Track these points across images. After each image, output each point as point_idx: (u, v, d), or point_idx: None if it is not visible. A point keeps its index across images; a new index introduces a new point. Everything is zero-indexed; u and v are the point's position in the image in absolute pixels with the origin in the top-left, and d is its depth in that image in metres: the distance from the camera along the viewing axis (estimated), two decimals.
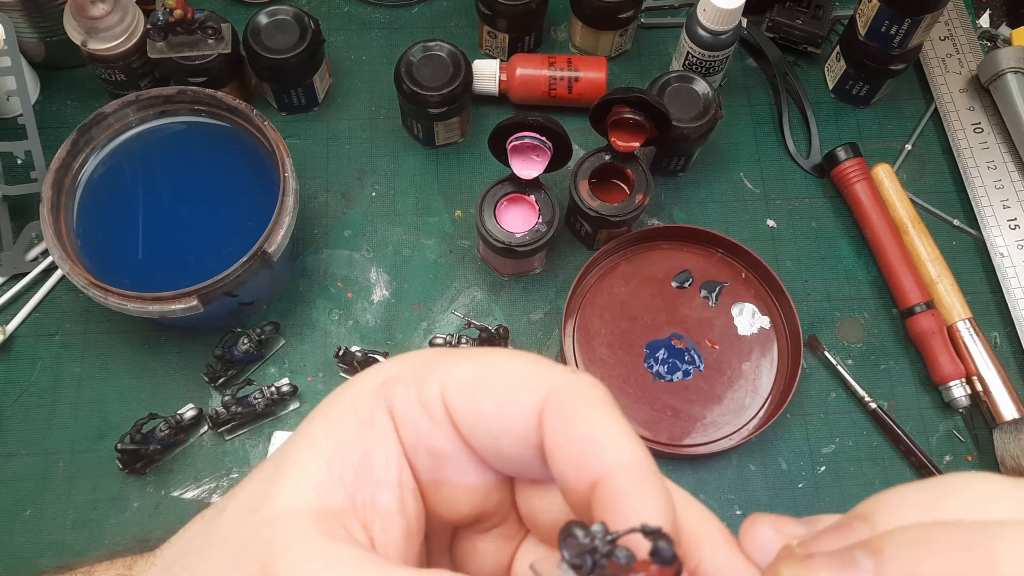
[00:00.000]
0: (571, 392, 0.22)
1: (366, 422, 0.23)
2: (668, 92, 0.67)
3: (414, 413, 0.23)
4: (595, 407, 0.22)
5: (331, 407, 0.24)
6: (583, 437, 0.21)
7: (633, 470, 0.21)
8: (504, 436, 0.22)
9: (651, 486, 0.21)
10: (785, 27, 0.76)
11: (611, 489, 0.21)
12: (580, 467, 0.21)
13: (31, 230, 0.69)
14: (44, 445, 0.64)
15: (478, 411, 0.22)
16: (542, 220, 0.64)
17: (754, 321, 0.69)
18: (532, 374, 0.22)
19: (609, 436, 0.21)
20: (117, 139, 0.65)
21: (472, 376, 0.23)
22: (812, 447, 0.66)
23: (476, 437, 0.23)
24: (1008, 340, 0.69)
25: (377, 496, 0.22)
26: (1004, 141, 0.74)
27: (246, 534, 0.22)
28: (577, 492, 0.21)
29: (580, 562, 0.19)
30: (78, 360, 0.66)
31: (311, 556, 0.21)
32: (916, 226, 0.70)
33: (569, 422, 0.21)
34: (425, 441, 0.23)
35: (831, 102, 0.77)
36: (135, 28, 0.67)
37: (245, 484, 0.24)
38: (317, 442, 0.23)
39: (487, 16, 0.72)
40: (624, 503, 0.20)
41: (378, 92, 0.76)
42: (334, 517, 0.22)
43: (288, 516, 0.21)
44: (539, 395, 0.22)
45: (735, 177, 0.74)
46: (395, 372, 0.24)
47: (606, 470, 0.21)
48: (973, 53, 0.78)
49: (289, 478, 0.22)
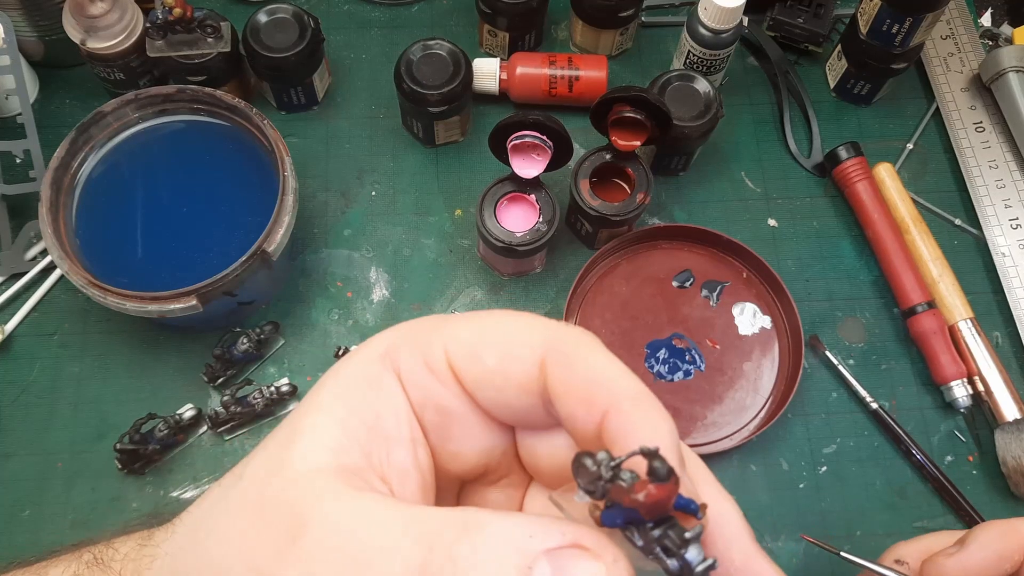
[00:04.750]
0: (570, 340, 0.24)
1: (374, 385, 0.24)
2: (669, 91, 0.67)
3: (420, 374, 0.24)
4: (595, 351, 0.24)
5: (339, 374, 0.25)
6: (588, 376, 0.23)
7: (637, 399, 0.23)
8: (508, 388, 0.24)
9: (654, 412, 0.23)
10: (786, 26, 0.76)
11: (619, 419, 0.23)
12: (588, 403, 0.23)
13: (30, 229, 0.68)
14: (43, 445, 0.64)
15: (482, 367, 0.24)
16: (542, 219, 0.64)
17: (755, 321, 0.69)
18: (530, 328, 0.24)
19: (611, 373, 0.23)
20: (116, 138, 0.65)
21: (474, 336, 0.24)
22: (813, 447, 0.66)
23: (482, 391, 0.24)
24: (1009, 340, 0.69)
25: (392, 453, 0.24)
26: (1006, 140, 0.74)
27: (270, 495, 0.23)
28: (586, 428, 0.23)
29: (593, 488, 0.21)
30: (77, 360, 0.66)
31: (341, 507, 0.22)
32: (917, 225, 0.70)
33: (572, 365, 0.23)
34: (432, 400, 0.25)
35: (832, 101, 0.77)
36: (134, 27, 0.67)
37: (260, 451, 0.25)
38: (328, 407, 0.24)
39: (487, 15, 0.72)
40: (631, 429, 0.22)
41: (378, 91, 0.76)
42: (353, 473, 0.23)
43: (310, 475, 0.22)
44: (539, 347, 0.24)
45: (736, 176, 0.74)
46: (398, 338, 0.25)
47: (613, 402, 0.23)
48: (975, 52, 0.77)
49: (305, 441, 0.23)
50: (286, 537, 0.22)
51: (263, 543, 0.22)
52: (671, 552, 0.20)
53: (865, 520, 0.64)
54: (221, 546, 0.23)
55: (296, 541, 0.21)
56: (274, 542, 0.22)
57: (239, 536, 0.23)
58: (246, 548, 0.22)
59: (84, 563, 0.28)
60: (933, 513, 0.64)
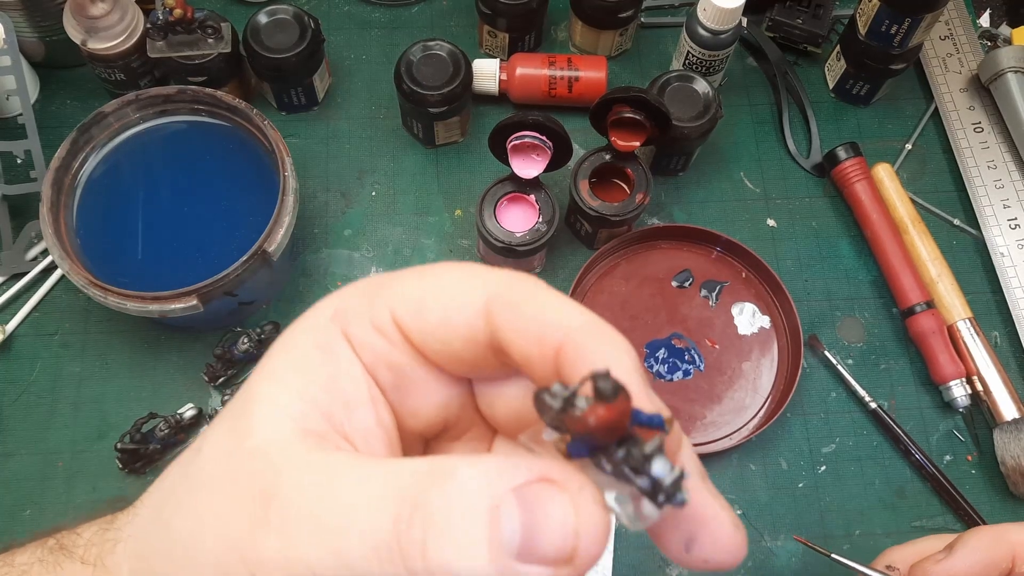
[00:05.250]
0: (513, 285, 0.24)
1: (326, 351, 0.24)
2: (668, 91, 0.67)
3: (369, 335, 0.24)
4: (539, 291, 0.24)
5: (287, 344, 0.25)
6: (535, 317, 0.23)
7: (587, 328, 0.23)
8: (455, 340, 0.24)
9: (606, 337, 0.23)
10: (785, 26, 0.76)
11: (571, 350, 0.22)
12: (540, 342, 0.23)
13: (31, 229, 0.68)
14: (43, 445, 0.64)
15: (427, 322, 0.24)
16: (542, 219, 0.64)
17: (754, 321, 0.69)
18: (472, 278, 0.24)
19: (559, 309, 0.23)
20: (117, 138, 0.65)
21: (417, 292, 0.24)
22: (812, 447, 0.66)
23: (429, 346, 0.24)
24: (1008, 340, 0.69)
25: (352, 414, 0.24)
26: (1004, 140, 0.74)
27: (235, 466, 0.23)
28: (544, 368, 0.23)
29: (558, 423, 0.20)
30: (78, 359, 0.66)
31: (310, 469, 0.22)
32: (916, 225, 0.70)
33: (518, 309, 0.23)
34: (383, 359, 0.24)
35: (831, 101, 0.77)
36: (135, 27, 0.67)
37: (216, 426, 0.24)
38: (282, 376, 0.24)
39: (487, 15, 0.72)
40: (584, 357, 0.22)
41: (378, 92, 0.76)
42: (318, 436, 0.23)
43: (274, 441, 0.22)
44: (481, 296, 0.24)
45: (735, 176, 0.74)
46: (344, 302, 0.25)
47: (564, 335, 0.22)
48: (973, 52, 0.77)
49: (263, 411, 0.23)
50: (258, 506, 0.21)
51: (235, 515, 0.22)
52: (638, 470, 0.20)
53: (864, 519, 0.64)
54: (189, 522, 0.23)
55: (269, 509, 0.21)
56: (247, 513, 0.22)
57: (208, 511, 0.23)
58: (218, 522, 0.22)
59: (48, 549, 0.28)
60: (932, 512, 0.64)
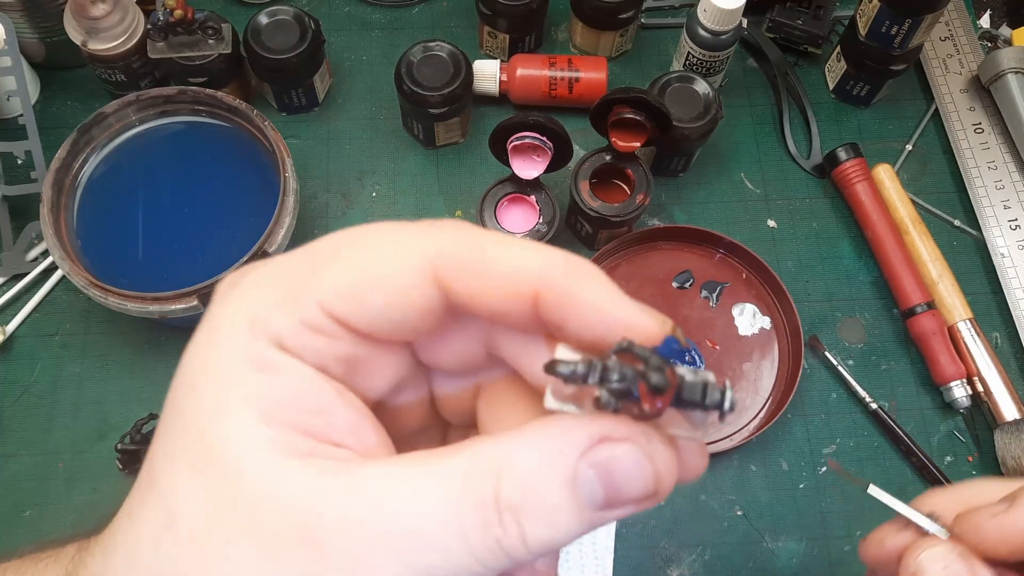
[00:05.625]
0: (461, 243, 0.22)
1: (264, 367, 0.21)
2: (669, 92, 0.67)
3: (304, 337, 0.22)
4: (485, 240, 0.22)
5: (211, 370, 0.22)
6: (500, 270, 0.21)
7: (557, 267, 0.21)
8: (409, 318, 0.22)
9: (580, 271, 0.22)
10: (786, 27, 0.76)
11: (552, 295, 0.21)
12: (513, 295, 0.21)
13: (31, 230, 0.68)
14: (44, 446, 0.64)
15: (370, 310, 0.22)
16: (543, 220, 0.64)
17: (755, 322, 0.69)
18: (412, 245, 0.22)
19: (516, 255, 0.22)
20: (117, 139, 0.65)
21: (349, 279, 0.22)
22: (813, 448, 0.66)
23: (380, 330, 0.22)
24: (1009, 340, 0.69)
25: (331, 419, 0.22)
26: (1005, 141, 0.74)
27: (244, 533, 0.20)
28: (521, 319, 0.22)
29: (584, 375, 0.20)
30: (78, 360, 0.66)
31: (342, 496, 0.20)
32: (917, 226, 0.70)
33: (473, 266, 0.21)
34: (330, 356, 0.22)
35: (832, 102, 0.77)
36: (135, 28, 0.67)
37: (183, 496, 0.21)
38: (231, 411, 0.21)
39: (487, 16, 0.72)
40: (571, 301, 0.21)
41: (378, 92, 0.76)
42: (316, 457, 0.21)
43: (282, 488, 0.20)
44: (425, 265, 0.22)
45: (736, 177, 0.74)
46: (256, 310, 0.22)
47: (539, 282, 0.21)
48: (974, 53, 0.77)
49: (232, 452, 0.21)
50: (307, 556, 0.20)
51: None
52: (695, 405, 0.21)
53: (865, 521, 0.64)
54: None
55: (323, 549, 0.19)
56: (304, 567, 0.20)
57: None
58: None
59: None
60: None
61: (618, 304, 0.22)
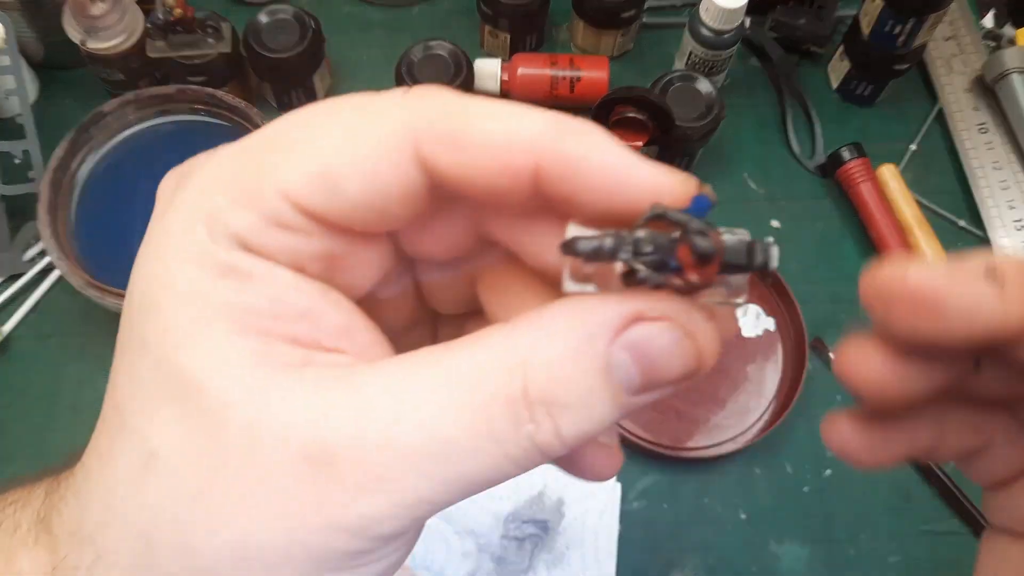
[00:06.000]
0: (443, 110, 0.19)
1: (230, 273, 0.19)
2: (671, 92, 0.67)
3: (271, 235, 0.19)
4: (468, 105, 0.19)
5: (171, 284, 0.19)
6: (486, 141, 0.19)
7: (557, 131, 0.19)
8: (390, 206, 0.20)
9: (583, 134, 0.19)
10: (788, 27, 0.76)
11: (556, 164, 0.19)
12: (511, 166, 0.19)
13: (29, 230, 0.68)
14: (41, 448, 0.63)
15: (345, 199, 0.19)
16: None
17: (758, 323, 0.68)
18: (384, 121, 0.19)
19: (508, 120, 0.19)
20: (116, 138, 0.65)
21: (319, 166, 0.19)
22: (817, 450, 0.65)
23: (358, 220, 0.20)
24: None
25: (319, 322, 0.20)
26: (1009, 141, 0.74)
27: (218, 460, 0.18)
28: (522, 193, 0.19)
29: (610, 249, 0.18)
30: (76, 361, 0.66)
31: (352, 405, 0.18)
32: (921, 227, 0.70)
33: (461, 139, 0.19)
34: (304, 254, 0.20)
35: (835, 102, 0.77)
36: (135, 27, 0.67)
37: (165, 425, 0.19)
38: (201, 329, 0.18)
39: (489, 16, 0.72)
40: (579, 168, 0.19)
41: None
42: (296, 365, 0.19)
43: (257, 404, 0.18)
44: (404, 142, 0.19)
45: (738, 177, 0.74)
46: (209, 206, 0.19)
47: (539, 147, 0.19)
48: (977, 53, 0.77)
49: (211, 377, 0.18)
50: (322, 482, 0.18)
51: (286, 494, 0.18)
52: (731, 267, 0.19)
53: (870, 524, 0.63)
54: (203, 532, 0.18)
55: (340, 478, 0.18)
56: (309, 484, 0.18)
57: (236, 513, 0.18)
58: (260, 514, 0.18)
59: None
60: (939, 516, 0.64)
61: (636, 166, 0.19)
